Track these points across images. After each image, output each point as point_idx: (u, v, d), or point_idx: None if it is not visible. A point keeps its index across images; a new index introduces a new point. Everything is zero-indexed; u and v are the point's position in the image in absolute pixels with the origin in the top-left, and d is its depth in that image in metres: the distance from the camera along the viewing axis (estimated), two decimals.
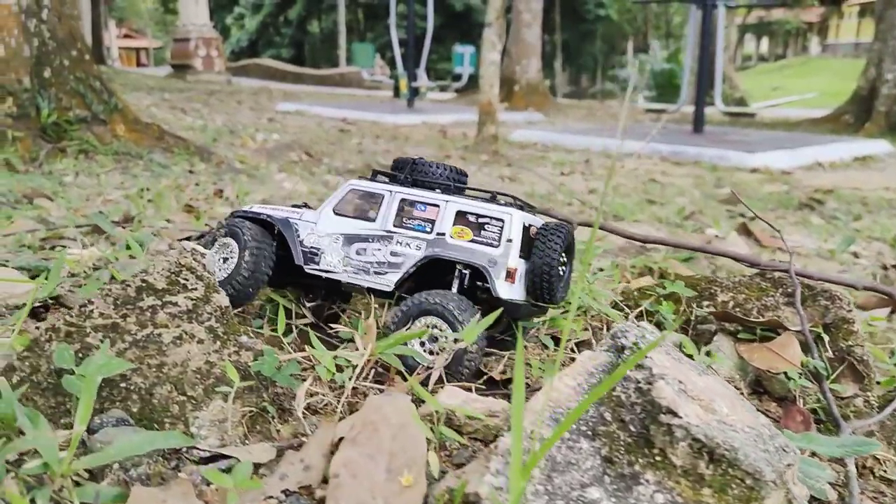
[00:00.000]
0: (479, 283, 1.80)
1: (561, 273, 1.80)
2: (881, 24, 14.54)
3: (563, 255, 1.81)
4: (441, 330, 1.66)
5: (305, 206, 2.05)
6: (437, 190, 1.85)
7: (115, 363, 1.13)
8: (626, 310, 1.96)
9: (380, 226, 1.83)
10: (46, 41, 6.16)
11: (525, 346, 1.82)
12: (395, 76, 18.88)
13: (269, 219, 1.95)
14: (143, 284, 1.36)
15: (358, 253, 1.85)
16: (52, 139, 6.05)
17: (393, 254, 1.81)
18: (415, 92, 17.47)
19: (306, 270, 1.89)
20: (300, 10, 42.30)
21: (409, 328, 1.68)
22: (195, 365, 1.29)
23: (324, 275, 1.88)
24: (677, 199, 7.01)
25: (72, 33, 6.42)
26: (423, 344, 1.70)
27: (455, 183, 1.90)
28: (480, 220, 1.75)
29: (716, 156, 10.87)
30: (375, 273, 1.83)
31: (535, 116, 17.83)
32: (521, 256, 1.74)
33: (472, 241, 1.75)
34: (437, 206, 1.79)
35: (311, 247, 1.89)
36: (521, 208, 1.83)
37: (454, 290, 1.78)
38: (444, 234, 1.77)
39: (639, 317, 1.91)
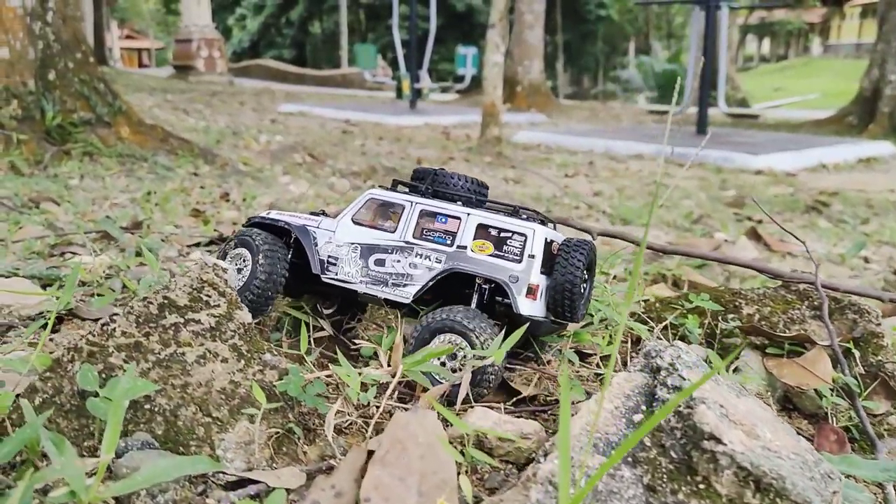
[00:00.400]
0: (498, 297, 1.77)
1: (582, 290, 1.77)
2: (885, 25, 14.51)
3: (585, 272, 1.78)
4: (461, 347, 1.63)
5: (323, 213, 2.03)
6: (459, 202, 1.81)
7: (141, 385, 1.09)
8: (650, 323, 1.92)
9: (399, 237, 1.80)
10: (51, 43, 6.14)
11: (548, 361, 1.78)
12: (397, 77, 18.84)
13: (286, 226, 1.92)
14: (165, 301, 1.33)
15: (376, 263, 1.82)
16: (56, 142, 6.03)
17: (412, 265, 1.78)
18: (417, 93, 17.43)
19: (323, 279, 1.85)
20: (302, 11, 42.26)
21: (429, 344, 1.66)
22: (220, 385, 1.26)
23: (340, 284, 1.84)
24: (683, 202, 6.98)
25: (76, 35, 6.39)
26: (443, 364, 1.67)
27: (476, 195, 1.86)
28: (502, 234, 1.71)
29: (720, 157, 10.85)
30: (393, 285, 1.79)
31: (538, 118, 17.80)
32: (542, 272, 1.71)
33: (494, 255, 1.71)
34: (458, 218, 1.76)
35: (329, 255, 1.86)
36: (543, 223, 1.80)
37: (473, 304, 1.74)
38: (464, 248, 1.73)
39: (663, 331, 1.88)
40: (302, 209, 4.16)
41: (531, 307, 1.68)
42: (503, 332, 1.62)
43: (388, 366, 1.53)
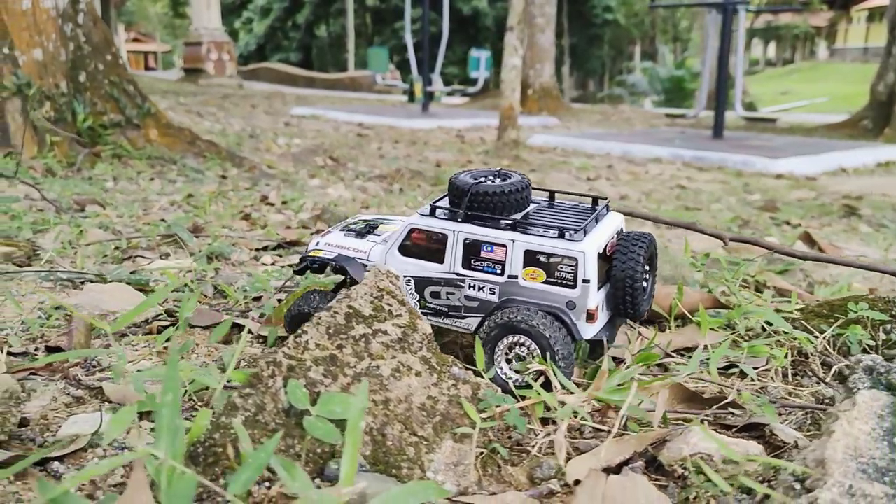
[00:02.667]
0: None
1: (644, 285, 1.71)
2: None
3: (646, 265, 1.73)
4: (528, 347, 1.61)
5: (369, 226, 1.98)
6: (502, 223, 1.71)
7: (355, 402, 1.05)
8: (812, 332, 1.85)
9: (448, 268, 1.74)
10: (82, 45, 6.12)
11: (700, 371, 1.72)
12: (410, 81, 18.83)
13: (339, 265, 1.86)
14: (351, 311, 1.28)
15: (432, 296, 1.78)
16: (86, 144, 6.01)
17: (468, 298, 1.74)
18: (429, 96, 17.41)
19: None
20: (308, 15, 42.30)
21: (498, 343, 1.65)
22: (418, 401, 1.21)
23: None
24: (713, 206, 6.94)
25: (106, 37, 6.38)
26: (509, 361, 1.65)
27: (519, 204, 1.76)
28: (552, 259, 1.64)
29: (740, 161, 10.81)
30: (454, 317, 1.77)
31: (551, 121, 17.77)
32: (599, 288, 1.66)
33: (546, 282, 1.65)
34: (503, 245, 1.69)
35: None
36: (594, 210, 1.75)
37: None
38: (516, 277, 1.68)
39: (828, 341, 1.82)
40: (343, 212, 4.12)
41: (593, 330, 1.64)
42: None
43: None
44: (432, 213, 1.79)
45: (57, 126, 5.75)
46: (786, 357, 1.66)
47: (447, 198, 1.84)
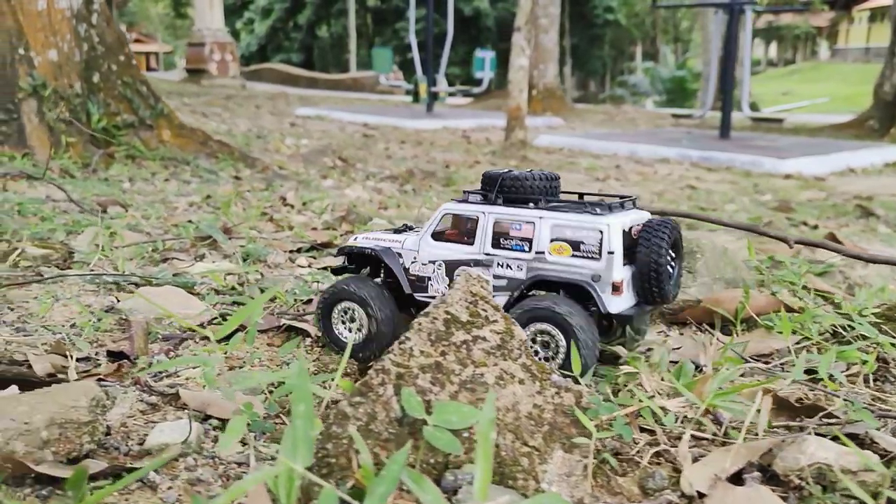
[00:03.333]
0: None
1: (670, 270, 1.75)
2: None
3: (671, 250, 1.76)
4: (552, 336, 1.64)
5: (407, 227, 2.06)
6: (531, 205, 1.80)
7: (470, 413, 1.02)
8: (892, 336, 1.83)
9: (478, 249, 1.81)
10: (95, 45, 6.10)
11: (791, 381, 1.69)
12: (414, 81, 18.80)
13: (373, 253, 1.94)
14: (448, 317, 1.26)
15: None
16: (100, 145, 5.98)
17: (496, 277, 1.79)
18: (434, 97, 17.39)
19: (417, 298, 1.89)
20: (310, 15, 42.26)
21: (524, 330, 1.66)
22: (525, 409, 1.18)
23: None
24: (727, 207, 6.92)
25: (119, 38, 6.36)
26: (536, 352, 1.67)
27: (548, 193, 1.84)
28: (577, 234, 1.70)
29: (748, 161, 10.79)
30: None
31: (555, 121, 17.76)
32: (624, 263, 1.70)
33: (573, 256, 1.70)
34: (531, 223, 1.75)
35: (417, 275, 1.89)
36: (622, 206, 1.80)
37: None
38: (542, 253, 1.73)
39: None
40: (364, 213, 4.10)
41: (619, 303, 1.67)
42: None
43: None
44: (466, 200, 1.89)
45: (71, 127, 5.73)
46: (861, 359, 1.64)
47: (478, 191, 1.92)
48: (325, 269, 2.31)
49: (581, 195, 1.96)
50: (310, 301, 2.18)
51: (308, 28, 43.29)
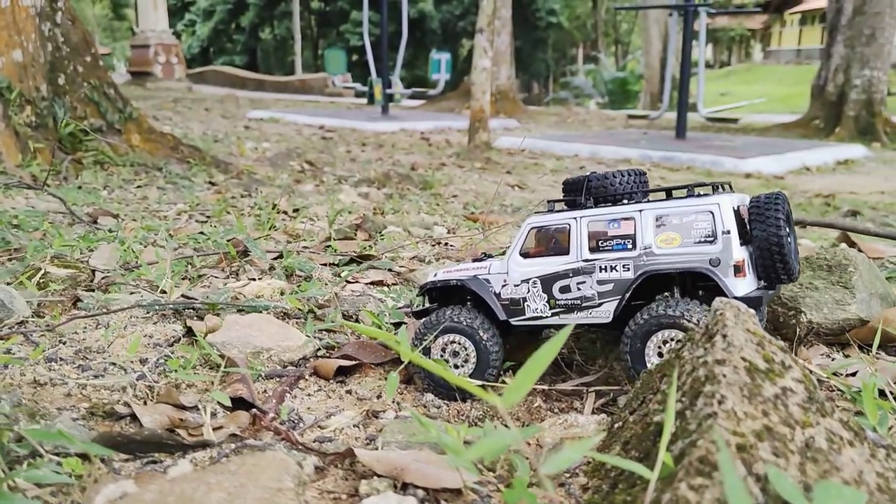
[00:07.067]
0: (700, 284, 1.68)
1: (791, 244, 1.65)
2: (847, 31, 14.93)
3: (787, 225, 1.66)
4: (680, 341, 1.54)
5: (485, 256, 1.95)
6: (624, 201, 1.72)
7: (853, 495, 0.83)
8: None
9: (576, 257, 1.70)
10: (60, 46, 5.79)
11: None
12: (369, 83, 18.59)
13: (459, 283, 1.82)
14: (748, 364, 1.06)
15: (562, 291, 1.72)
16: (68, 150, 5.68)
17: (600, 282, 1.67)
18: (389, 98, 17.23)
19: (513, 324, 1.77)
20: (253, 17, 41.48)
21: (646, 346, 1.57)
22: (872, 481, 0.99)
23: (533, 324, 1.76)
24: None
25: (85, 38, 6.05)
26: (660, 354, 1.58)
27: (640, 187, 1.76)
28: (685, 219, 1.59)
29: (708, 161, 10.96)
30: (587, 307, 1.69)
31: (511, 123, 17.79)
32: (742, 244, 1.60)
33: (684, 245, 1.60)
34: (631, 218, 1.65)
35: (510, 298, 1.77)
36: (720, 190, 1.70)
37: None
38: (650, 247, 1.62)
39: None
40: (378, 220, 3.96)
41: (744, 285, 1.57)
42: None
43: None
44: (551, 211, 1.78)
45: (38, 132, 5.41)
46: None
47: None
48: (405, 310, 2.13)
49: (668, 190, 1.87)
50: (399, 324, 2.02)
51: (251, 30, 42.49)
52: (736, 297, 1.52)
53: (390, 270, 2.69)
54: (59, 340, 1.83)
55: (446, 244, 3.42)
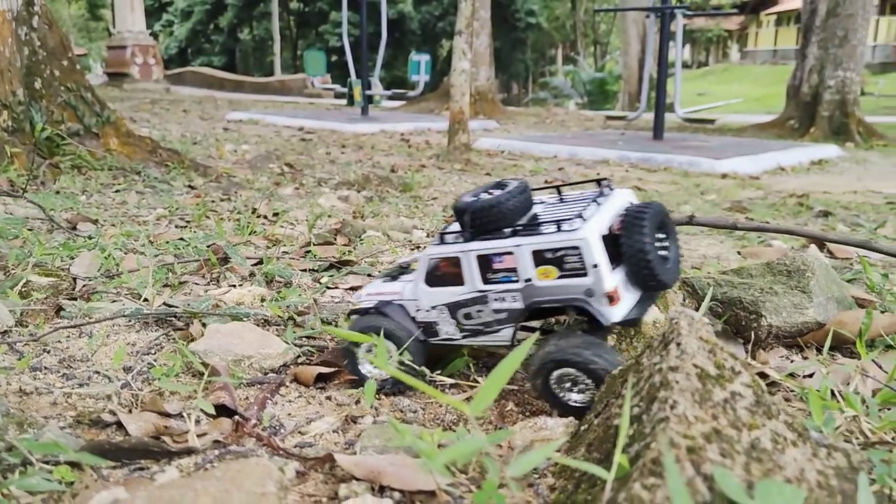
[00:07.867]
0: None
1: (662, 254, 1.70)
2: (821, 32, 15.17)
3: (658, 233, 1.72)
4: (586, 382, 1.62)
5: (402, 269, 2.03)
6: (508, 232, 1.72)
7: (792, 492, 0.91)
8: None
9: (471, 287, 1.77)
10: (36, 49, 5.78)
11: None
12: (349, 84, 18.58)
13: (380, 312, 1.89)
14: (699, 370, 1.13)
15: (466, 318, 1.81)
16: (45, 155, 5.67)
17: (496, 311, 1.76)
18: (369, 100, 17.25)
19: (432, 343, 1.87)
20: (231, 18, 41.29)
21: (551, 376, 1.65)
22: (813, 478, 1.04)
23: (447, 343, 1.86)
24: (682, 208, 7.08)
25: (62, 42, 6.04)
26: (572, 388, 1.65)
27: (523, 211, 1.76)
28: (557, 254, 1.64)
29: (685, 162, 11.10)
30: (489, 332, 1.80)
31: (490, 124, 17.87)
32: (615, 267, 1.65)
33: (561, 276, 1.65)
34: (510, 252, 1.70)
35: (425, 321, 1.86)
36: (602, 194, 1.77)
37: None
38: (531, 280, 1.68)
39: None
40: (358, 224, 4.00)
41: (620, 310, 1.62)
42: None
43: None
44: (442, 241, 1.82)
45: (15, 137, 5.40)
46: None
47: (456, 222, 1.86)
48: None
49: (558, 189, 1.93)
50: None
51: (230, 31, 42.29)
52: (613, 324, 1.61)
53: (369, 276, 2.74)
54: (44, 349, 1.87)
55: (425, 248, 3.48)
